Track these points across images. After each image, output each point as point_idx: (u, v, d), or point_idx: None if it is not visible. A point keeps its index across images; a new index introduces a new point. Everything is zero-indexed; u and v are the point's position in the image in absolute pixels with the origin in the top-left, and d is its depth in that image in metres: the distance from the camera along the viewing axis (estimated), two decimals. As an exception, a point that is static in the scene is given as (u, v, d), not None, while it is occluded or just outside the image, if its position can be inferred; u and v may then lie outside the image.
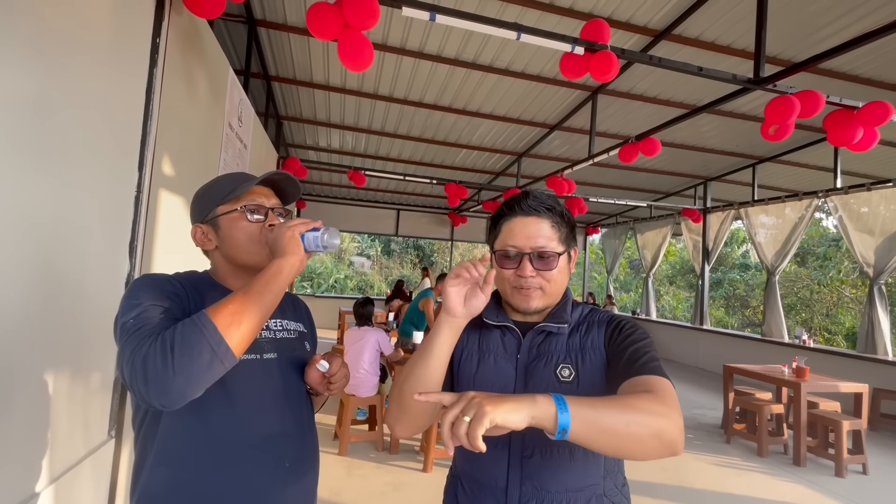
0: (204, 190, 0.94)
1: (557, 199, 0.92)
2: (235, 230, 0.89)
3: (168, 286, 0.82)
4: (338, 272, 18.82)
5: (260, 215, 0.90)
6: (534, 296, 0.88)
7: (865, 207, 5.79)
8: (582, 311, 0.95)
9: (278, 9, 3.90)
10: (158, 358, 0.64)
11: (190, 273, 0.93)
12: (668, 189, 8.72)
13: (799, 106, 2.85)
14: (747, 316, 15.34)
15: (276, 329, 0.94)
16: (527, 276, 0.87)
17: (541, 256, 0.87)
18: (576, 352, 0.88)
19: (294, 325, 1.00)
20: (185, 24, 2.05)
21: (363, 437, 3.62)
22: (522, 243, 0.87)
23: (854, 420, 3.75)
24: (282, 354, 0.93)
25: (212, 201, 0.90)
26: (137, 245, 1.68)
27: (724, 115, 5.51)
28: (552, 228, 0.88)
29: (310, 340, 1.04)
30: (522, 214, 0.90)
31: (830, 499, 3.23)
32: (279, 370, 0.91)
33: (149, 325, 0.72)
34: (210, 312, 0.70)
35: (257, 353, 0.88)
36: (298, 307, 1.09)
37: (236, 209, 0.89)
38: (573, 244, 0.94)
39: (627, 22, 3.90)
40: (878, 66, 4.38)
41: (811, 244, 14.28)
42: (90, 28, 1.34)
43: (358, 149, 7.30)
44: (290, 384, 0.93)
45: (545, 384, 0.85)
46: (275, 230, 0.84)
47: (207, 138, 2.52)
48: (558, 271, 0.89)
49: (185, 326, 0.68)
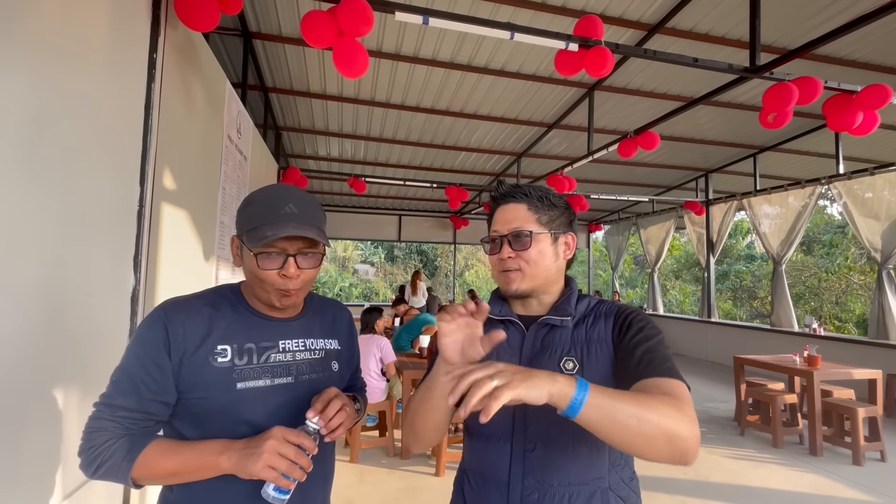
0: (243, 205, 0.86)
1: (539, 187, 0.94)
2: (249, 268, 0.86)
3: (161, 349, 0.80)
4: (342, 280, 18.85)
5: (274, 266, 0.82)
6: (513, 278, 0.90)
7: (870, 192, 5.75)
8: (589, 302, 0.95)
9: (273, 20, 3.93)
10: (87, 464, 0.76)
11: (216, 293, 0.90)
12: (669, 183, 8.69)
13: (797, 92, 2.84)
14: (755, 307, 15.22)
15: (295, 350, 0.91)
16: (504, 257, 0.90)
17: (516, 237, 0.89)
18: (581, 344, 0.87)
19: (322, 343, 0.96)
20: (181, 38, 2.07)
21: (374, 444, 3.61)
22: (501, 228, 0.92)
23: (869, 407, 3.71)
24: (299, 378, 0.89)
25: (240, 227, 0.85)
26: (142, 259, 1.69)
27: (722, 106, 5.50)
28: (528, 211, 0.91)
29: (341, 358, 0.99)
30: (502, 202, 0.95)
31: (849, 487, 3.19)
32: (292, 395, 0.87)
33: (106, 414, 0.78)
34: (136, 468, 0.76)
35: (268, 379, 0.86)
36: (339, 320, 1.03)
37: (251, 251, 0.83)
38: (563, 229, 0.94)
39: (620, 17, 3.90)
40: (875, 50, 4.35)
41: (816, 232, 14.17)
42: (87, 45, 1.35)
43: (357, 156, 7.33)
44: (304, 409, 0.85)
45: None
46: (252, 454, 0.75)
47: (207, 151, 2.54)
48: (538, 252, 0.90)
49: (112, 466, 0.76)
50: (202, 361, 0.81)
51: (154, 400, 0.80)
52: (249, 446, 0.77)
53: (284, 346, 0.90)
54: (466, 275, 20.15)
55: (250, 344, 0.86)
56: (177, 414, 0.84)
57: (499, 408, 0.59)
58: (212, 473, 0.78)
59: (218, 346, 0.83)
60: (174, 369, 0.80)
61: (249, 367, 0.85)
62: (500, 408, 0.59)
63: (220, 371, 0.82)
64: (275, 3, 3.68)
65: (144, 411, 0.79)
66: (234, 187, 3.07)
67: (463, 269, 20.23)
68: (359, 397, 1.04)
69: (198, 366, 0.81)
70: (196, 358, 0.81)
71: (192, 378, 0.81)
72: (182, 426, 0.84)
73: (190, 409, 0.83)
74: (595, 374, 0.83)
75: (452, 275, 12.23)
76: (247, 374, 0.84)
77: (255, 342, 0.87)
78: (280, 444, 0.75)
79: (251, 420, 0.83)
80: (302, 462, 0.77)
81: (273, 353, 0.88)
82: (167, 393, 0.81)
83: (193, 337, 0.82)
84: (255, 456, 0.74)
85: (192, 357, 0.81)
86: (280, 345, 0.89)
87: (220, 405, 0.82)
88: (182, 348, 0.81)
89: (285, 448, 0.75)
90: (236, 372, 0.83)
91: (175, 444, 0.80)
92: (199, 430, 0.83)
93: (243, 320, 0.88)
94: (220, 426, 0.82)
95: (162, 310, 0.83)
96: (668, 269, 17.30)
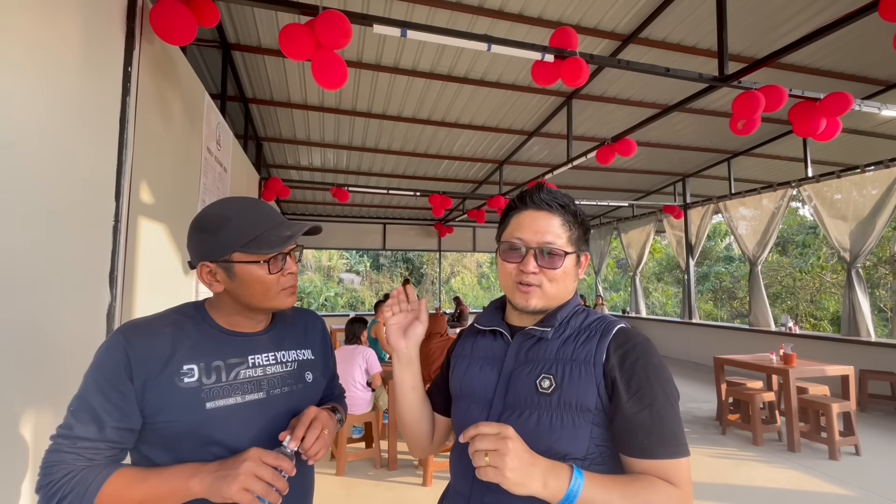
0: (214, 226, 0.84)
1: (573, 200, 0.88)
2: (252, 279, 0.84)
3: (122, 374, 0.77)
4: (327, 290, 18.67)
5: (278, 267, 0.85)
6: (533, 294, 0.83)
7: (838, 194, 5.97)
8: (586, 317, 0.87)
9: (251, 32, 3.92)
10: (46, 501, 0.73)
11: (178, 312, 0.87)
12: (648, 188, 8.88)
13: (764, 100, 2.95)
14: (735, 307, 15.57)
15: (265, 364, 0.89)
16: (528, 271, 0.83)
17: (546, 253, 0.83)
18: (564, 362, 0.81)
19: (293, 354, 0.94)
20: (157, 51, 2.06)
21: (360, 455, 3.57)
22: (529, 237, 0.84)
23: (843, 402, 3.82)
24: (271, 392, 0.88)
25: (229, 244, 0.83)
26: (118, 275, 1.67)
27: (696, 113, 5.67)
28: (562, 226, 0.84)
29: (316, 367, 0.97)
30: (534, 208, 0.86)
31: (826, 482, 3.28)
32: (266, 410, 0.86)
33: (65, 446, 0.75)
34: (100, 499, 0.72)
35: (239, 396, 0.84)
36: (311, 329, 1.02)
37: (258, 262, 0.83)
38: (584, 248, 0.89)
39: (595, 28, 4.01)
40: (837, 58, 4.56)
41: (790, 233, 14.60)
42: (59, 59, 1.34)
43: (340, 165, 7.32)
44: (279, 424, 0.86)
45: (524, 394, 0.81)
46: (227, 476, 0.73)
47: (186, 164, 2.52)
48: (563, 272, 0.84)
49: (73, 501, 0.72)
50: (167, 383, 0.78)
51: (117, 427, 0.76)
52: (223, 468, 0.74)
53: (254, 360, 0.88)
54: (452, 282, 20.16)
55: (218, 361, 0.84)
56: (145, 439, 0.81)
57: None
58: (182, 499, 0.74)
59: (183, 366, 0.80)
60: (137, 394, 0.77)
61: (218, 386, 0.82)
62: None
63: (187, 392, 0.79)
64: (254, 15, 3.68)
65: (107, 440, 0.76)
66: (214, 199, 3.04)
67: (449, 276, 20.25)
68: (338, 407, 1.03)
69: (163, 388, 0.78)
70: (161, 380, 0.78)
71: (157, 401, 0.78)
72: (151, 451, 0.81)
73: (158, 433, 0.79)
74: (571, 395, 0.77)
75: (439, 282, 12.25)
76: (216, 393, 0.81)
77: (222, 359, 0.84)
78: (257, 465, 0.73)
79: (223, 440, 0.81)
80: (278, 485, 0.75)
81: (242, 370, 0.86)
82: (131, 419, 0.77)
83: (156, 359, 0.79)
84: (231, 478, 0.72)
85: (156, 380, 0.78)
86: (249, 360, 0.87)
87: (189, 427, 0.79)
88: (145, 371, 0.78)
89: (262, 470, 0.73)
90: (205, 391, 0.81)
91: (141, 471, 0.76)
92: (170, 454, 0.80)
93: (209, 338, 0.85)
94: (192, 448, 0.79)
95: (121, 333, 0.80)
96: (650, 271, 17.60)
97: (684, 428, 0.75)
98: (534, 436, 0.75)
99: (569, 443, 0.76)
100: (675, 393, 0.78)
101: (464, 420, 0.87)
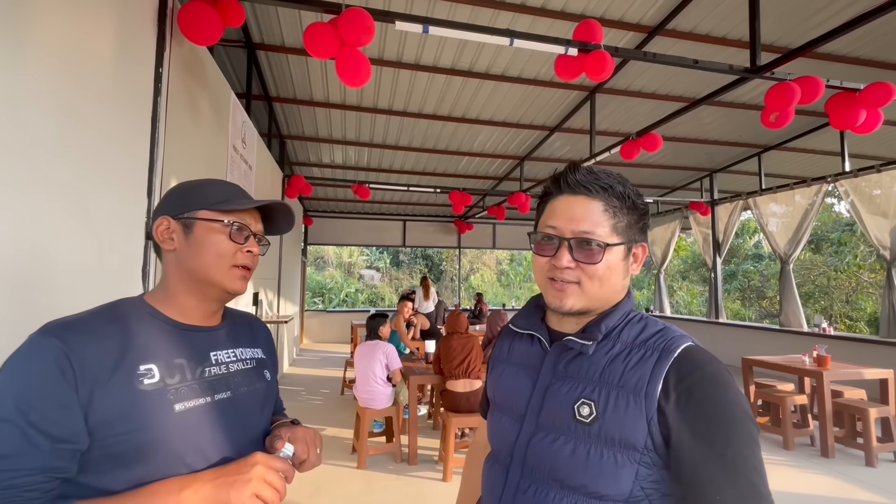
0: (191, 186, 0.82)
1: (622, 179, 0.73)
2: (209, 242, 0.78)
3: (62, 383, 0.62)
4: (348, 286, 18.91)
5: (241, 238, 0.80)
6: (569, 292, 0.70)
7: (878, 189, 5.70)
8: (643, 330, 0.71)
9: (275, 31, 3.98)
10: None
11: (114, 308, 0.75)
12: (673, 183, 8.66)
13: (799, 92, 2.84)
14: (764, 307, 15.07)
15: (227, 361, 0.82)
16: (562, 266, 0.70)
17: (583, 244, 0.69)
18: (609, 386, 0.67)
19: (250, 352, 0.88)
20: (186, 52, 2.11)
21: (381, 450, 3.61)
22: (563, 226, 0.70)
23: (881, 407, 3.66)
24: (237, 391, 0.81)
25: (197, 202, 0.79)
26: (150, 270, 1.72)
27: (725, 106, 5.49)
28: (604, 212, 0.70)
29: (269, 367, 0.92)
30: (569, 192, 0.72)
31: (862, 489, 3.15)
32: (235, 410, 0.79)
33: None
34: None
35: (206, 396, 0.75)
36: (256, 330, 0.96)
37: (222, 221, 0.78)
38: (638, 238, 0.74)
39: (620, 20, 3.92)
40: (878, 47, 4.34)
41: (824, 230, 14.03)
42: (95, 63, 1.39)
43: (361, 163, 7.38)
44: (249, 422, 0.81)
45: (560, 417, 0.70)
46: (236, 482, 0.67)
47: (213, 161, 2.58)
48: (606, 267, 0.69)
49: None
50: (123, 388, 0.66)
51: (59, 449, 0.61)
52: (224, 475, 0.67)
53: (217, 357, 0.80)
54: (472, 279, 20.14)
55: (179, 359, 0.74)
56: (88, 464, 0.65)
57: None
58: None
59: (140, 366, 0.69)
60: (83, 406, 0.63)
61: (185, 385, 0.73)
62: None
63: (149, 395, 0.68)
64: (277, 14, 3.74)
65: (46, 469, 0.60)
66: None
67: (468, 273, 20.23)
68: (294, 420, 0.95)
69: (117, 395, 0.65)
70: (113, 386, 0.66)
71: (111, 411, 0.65)
72: (99, 479, 0.66)
73: (111, 452, 0.65)
74: (614, 430, 0.65)
75: (458, 279, 12.24)
76: (184, 394, 0.72)
77: (184, 357, 0.75)
78: (267, 471, 0.69)
79: (199, 446, 0.71)
80: (283, 492, 0.71)
81: (207, 367, 0.78)
82: (77, 437, 0.63)
83: (103, 362, 0.66)
84: (240, 483, 0.66)
85: (106, 386, 0.65)
86: (212, 357, 0.80)
87: (157, 435, 0.67)
88: (91, 378, 0.64)
89: (272, 476, 0.69)
90: (171, 392, 0.70)
91: (104, 502, 0.63)
92: (129, 474, 0.66)
93: (164, 333, 0.75)
94: (161, 460, 0.68)
95: (51, 335, 0.65)
96: (674, 269, 17.20)
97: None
98: (568, 469, 0.67)
99: (608, 482, 0.65)
100: (754, 432, 0.62)
101: (496, 432, 0.80)
